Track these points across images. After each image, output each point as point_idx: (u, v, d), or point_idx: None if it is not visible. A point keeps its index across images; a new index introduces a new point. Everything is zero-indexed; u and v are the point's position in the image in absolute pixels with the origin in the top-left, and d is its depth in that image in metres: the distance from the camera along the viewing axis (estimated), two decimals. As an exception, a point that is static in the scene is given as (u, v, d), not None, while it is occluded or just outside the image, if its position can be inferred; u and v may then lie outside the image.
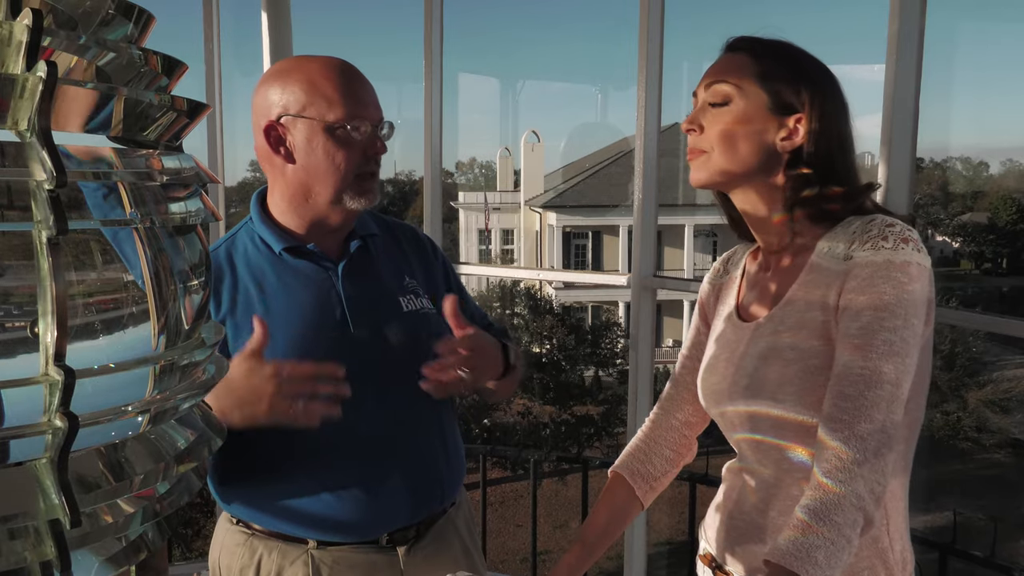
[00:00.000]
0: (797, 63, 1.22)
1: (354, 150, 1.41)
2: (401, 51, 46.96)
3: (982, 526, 15.24)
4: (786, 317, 1.21)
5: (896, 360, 1.08)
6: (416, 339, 1.51)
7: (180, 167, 0.53)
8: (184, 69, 0.56)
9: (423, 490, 1.51)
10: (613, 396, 19.48)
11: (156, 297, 0.51)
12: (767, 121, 1.20)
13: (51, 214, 0.41)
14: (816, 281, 1.18)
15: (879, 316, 1.09)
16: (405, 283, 1.57)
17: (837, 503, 1.03)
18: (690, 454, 1.48)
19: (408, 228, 1.72)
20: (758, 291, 1.32)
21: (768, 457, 1.23)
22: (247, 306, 1.45)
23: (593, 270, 24.99)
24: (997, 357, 22.63)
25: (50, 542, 0.44)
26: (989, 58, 52.10)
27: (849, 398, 1.07)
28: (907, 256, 1.10)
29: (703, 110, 1.23)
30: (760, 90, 1.20)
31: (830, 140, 1.20)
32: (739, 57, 1.23)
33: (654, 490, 1.46)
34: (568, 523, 14.03)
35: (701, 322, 1.46)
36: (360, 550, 1.47)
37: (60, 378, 0.42)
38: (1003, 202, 34.28)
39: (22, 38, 0.43)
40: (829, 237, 1.19)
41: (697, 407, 1.42)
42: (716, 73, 1.23)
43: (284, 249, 1.48)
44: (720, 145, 1.21)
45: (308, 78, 1.40)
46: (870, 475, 1.04)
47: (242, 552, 1.49)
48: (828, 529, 1.01)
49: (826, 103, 1.20)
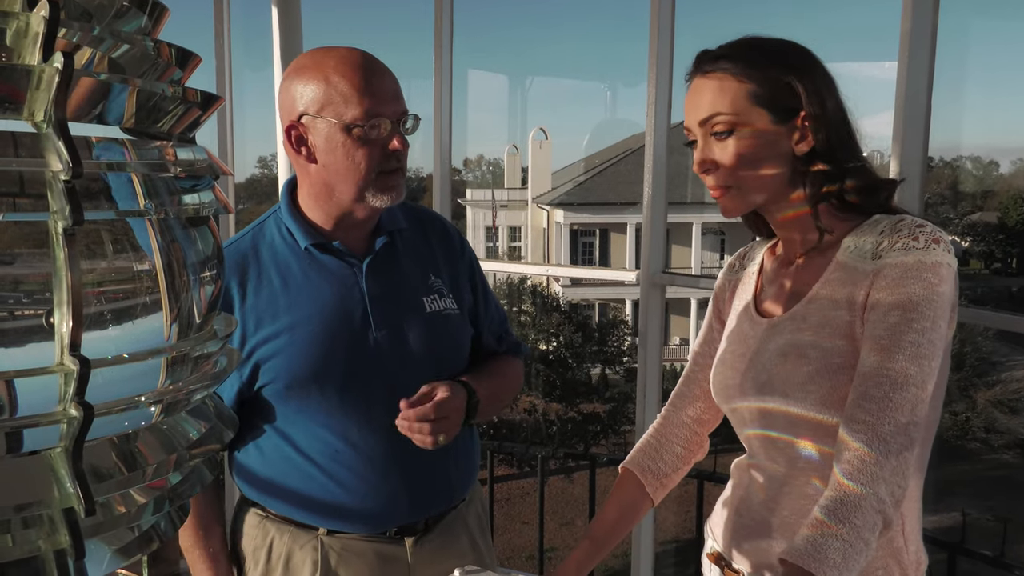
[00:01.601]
0: (774, 57, 1.18)
1: (374, 148, 1.39)
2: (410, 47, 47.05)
3: (991, 526, 15.18)
4: (809, 315, 1.19)
5: (923, 362, 1.06)
6: (436, 341, 1.51)
7: (193, 159, 0.53)
8: (198, 61, 0.56)
9: (431, 489, 1.52)
10: (620, 394, 19.46)
11: (169, 288, 0.51)
12: (778, 135, 1.17)
13: (67, 204, 0.41)
14: (842, 280, 1.16)
15: (907, 317, 1.07)
16: (430, 282, 1.56)
17: (857, 504, 1.01)
18: (701, 451, 1.47)
19: (438, 221, 1.70)
20: (777, 288, 1.30)
21: (780, 453, 1.22)
22: (271, 299, 1.46)
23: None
24: (1006, 357, 22.50)
25: (64, 531, 0.44)
26: (1001, 57, 51.81)
27: (874, 399, 1.06)
28: (938, 257, 1.09)
29: (708, 145, 1.19)
30: (758, 108, 1.16)
31: (835, 118, 1.17)
32: (717, 79, 1.18)
33: (664, 487, 1.45)
34: (574, 520, 14.03)
35: (715, 317, 1.45)
36: (368, 540, 1.49)
37: (75, 368, 0.42)
38: (1013, 201, 34.08)
39: (39, 29, 0.43)
40: (855, 235, 1.17)
41: (709, 403, 1.41)
42: (706, 108, 1.18)
43: (310, 244, 1.48)
44: (744, 178, 1.18)
45: (325, 76, 1.37)
46: (891, 477, 1.03)
47: (255, 533, 1.52)
48: (846, 530, 1.00)
49: (817, 81, 1.17)
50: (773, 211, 1.25)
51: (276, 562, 1.50)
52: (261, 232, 1.52)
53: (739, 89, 1.16)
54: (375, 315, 1.47)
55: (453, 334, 1.56)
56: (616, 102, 43.02)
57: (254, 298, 1.46)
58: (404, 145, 1.41)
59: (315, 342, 1.43)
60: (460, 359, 1.59)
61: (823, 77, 1.18)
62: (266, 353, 1.43)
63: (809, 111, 1.15)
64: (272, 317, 1.44)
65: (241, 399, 1.47)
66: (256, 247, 1.50)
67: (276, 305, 1.45)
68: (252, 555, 1.52)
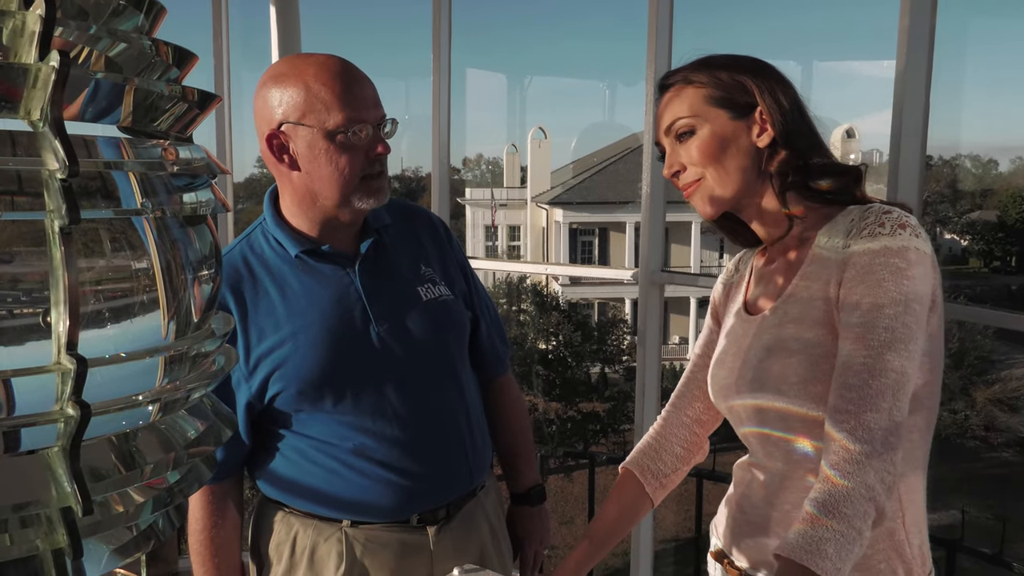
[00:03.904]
0: (726, 64, 1.25)
1: (357, 154, 1.40)
2: (409, 46, 46.95)
3: (990, 524, 15.19)
4: (789, 309, 1.21)
5: (899, 347, 1.07)
6: (437, 326, 1.54)
7: (191, 157, 0.53)
8: (195, 60, 0.56)
9: (450, 474, 1.55)
10: (619, 393, 19.45)
11: (167, 287, 0.51)
12: (738, 129, 1.22)
13: (63, 203, 0.41)
14: (817, 273, 1.19)
15: (878, 304, 1.08)
16: (422, 272, 1.59)
17: (846, 495, 1.02)
18: (701, 453, 1.48)
19: (423, 214, 1.73)
20: (764, 285, 1.33)
21: (776, 450, 1.23)
22: (270, 309, 1.47)
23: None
24: (1005, 356, 22.51)
25: (62, 530, 0.44)
26: (1000, 55, 51.74)
27: (854, 388, 1.07)
28: (904, 241, 1.10)
29: (675, 151, 1.26)
30: (715, 108, 1.22)
31: (791, 109, 1.22)
32: (676, 91, 1.26)
33: (664, 487, 1.45)
34: (574, 519, 14.03)
35: (713, 321, 1.47)
36: (392, 529, 1.51)
37: (72, 367, 0.42)
38: (1012, 200, 34.06)
39: (35, 28, 0.43)
40: (829, 227, 1.20)
41: (708, 404, 1.42)
42: (668, 117, 1.26)
43: (300, 252, 1.49)
44: (710, 166, 1.23)
45: (304, 83, 1.38)
46: (879, 465, 1.04)
47: (279, 528, 1.54)
48: (837, 522, 1.01)
49: (769, 79, 1.23)
50: (747, 207, 1.28)
51: (300, 556, 1.51)
52: (249, 245, 1.53)
53: (695, 94, 1.24)
54: (374, 311, 1.49)
55: (452, 318, 1.59)
56: (615, 101, 43.01)
57: (253, 311, 1.47)
58: (386, 149, 1.43)
59: (320, 345, 1.45)
60: (462, 341, 1.62)
61: (775, 76, 1.25)
62: (273, 363, 1.45)
63: (764, 104, 1.21)
64: (274, 328, 1.45)
65: (252, 411, 1.48)
66: (247, 261, 1.51)
67: (276, 315, 1.46)
68: (275, 551, 1.54)
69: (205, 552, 1.53)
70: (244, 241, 1.55)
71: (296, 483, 1.51)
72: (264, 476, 1.55)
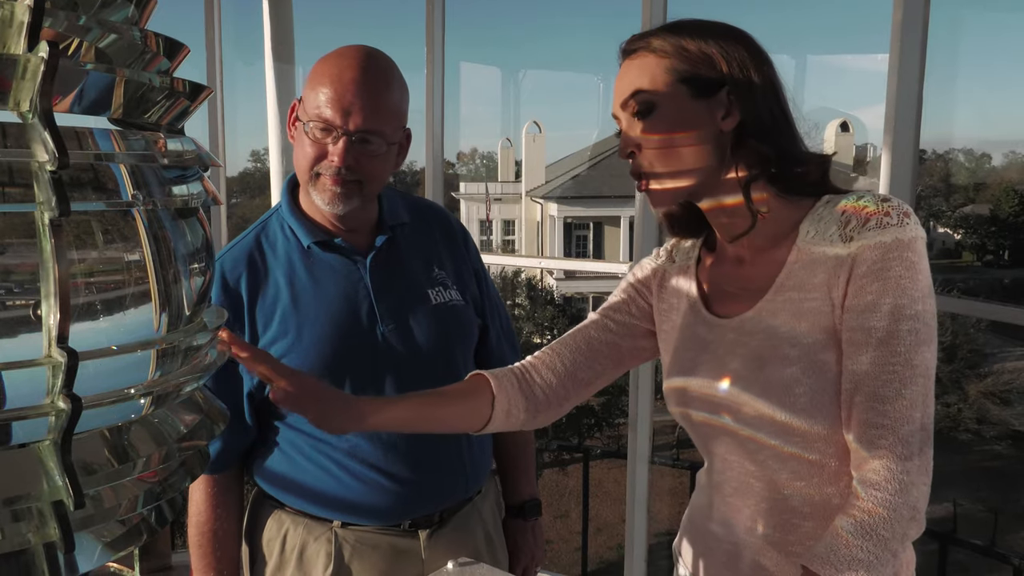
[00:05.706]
0: (696, 32, 1.10)
1: (313, 148, 1.40)
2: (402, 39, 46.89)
3: (982, 517, 15.28)
4: (778, 309, 1.09)
5: (924, 348, 1.00)
6: (443, 332, 1.51)
7: (182, 150, 0.53)
8: (185, 51, 0.56)
9: (445, 481, 1.53)
10: (613, 387, 19.46)
11: (158, 279, 0.51)
12: (698, 112, 1.08)
13: (53, 195, 0.41)
14: (809, 267, 1.07)
15: (899, 304, 0.99)
16: (434, 274, 1.56)
17: (886, 520, 0.96)
18: (552, 413, 1.31)
19: (441, 214, 1.69)
20: (731, 285, 1.19)
21: (751, 461, 1.12)
22: (276, 298, 1.46)
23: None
24: (998, 349, 22.62)
25: (54, 524, 0.44)
26: (993, 49, 51.95)
27: (887, 400, 0.99)
28: (913, 232, 1.02)
29: (632, 127, 1.12)
30: (676, 82, 1.08)
31: (764, 89, 1.08)
32: (639, 59, 1.11)
33: (509, 415, 1.28)
34: (569, 513, 14.06)
35: (637, 295, 1.32)
36: (382, 532, 1.50)
37: (63, 360, 0.42)
38: (1005, 194, 34.20)
39: (23, 19, 0.42)
40: (812, 218, 1.08)
41: (590, 371, 1.30)
42: (626, 88, 1.12)
43: (313, 242, 1.48)
44: (665, 164, 1.10)
45: (319, 69, 1.41)
46: (919, 478, 0.98)
47: (271, 524, 1.53)
48: (874, 544, 0.96)
49: (742, 54, 1.08)
50: (704, 197, 1.15)
51: (290, 553, 1.50)
52: (264, 231, 1.52)
53: (658, 65, 1.09)
54: (381, 310, 1.47)
55: (460, 324, 1.56)
56: (610, 95, 42.90)
57: (261, 299, 1.46)
58: (340, 162, 1.38)
59: (324, 340, 1.43)
60: (468, 348, 1.59)
61: (751, 50, 1.10)
62: (275, 354, 1.42)
63: (732, 83, 1.07)
64: (280, 317, 1.45)
65: (253, 399, 1.47)
66: (260, 247, 1.50)
67: (283, 305, 1.45)
68: (266, 546, 1.53)
69: (206, 543, 1.52)
70: (259, 227, 1.54)
71: (289, 479, 1.50)
72: (259, 470, 1.54)
